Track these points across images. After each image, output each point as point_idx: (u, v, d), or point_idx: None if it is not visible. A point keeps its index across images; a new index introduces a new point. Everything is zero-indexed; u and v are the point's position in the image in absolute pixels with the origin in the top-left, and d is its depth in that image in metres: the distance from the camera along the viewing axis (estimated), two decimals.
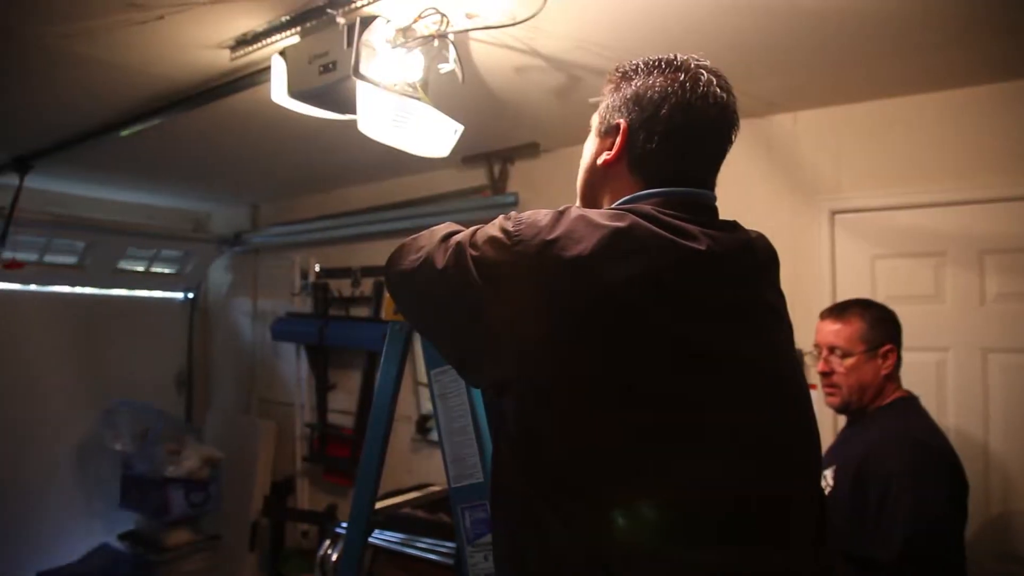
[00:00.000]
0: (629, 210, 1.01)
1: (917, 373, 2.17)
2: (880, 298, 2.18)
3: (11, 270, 3.55)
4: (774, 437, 1.01)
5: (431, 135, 1.94)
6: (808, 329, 2.02)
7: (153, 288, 4.65)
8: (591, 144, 1.19)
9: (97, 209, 4.16)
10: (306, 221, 4.17)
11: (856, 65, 2.20)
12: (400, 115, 1.84)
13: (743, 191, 2.47)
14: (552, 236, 0.96)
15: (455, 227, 1.14)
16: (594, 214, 0.99)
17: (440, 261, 1.05)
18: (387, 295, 1.38)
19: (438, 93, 1.99)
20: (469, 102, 2.39)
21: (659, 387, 0.94)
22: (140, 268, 4.47)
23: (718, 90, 1.08)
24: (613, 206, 1.07)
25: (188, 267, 4.69)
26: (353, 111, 1.87)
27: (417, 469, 3.66)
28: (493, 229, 1.02)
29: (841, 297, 2.42)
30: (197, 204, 4.71)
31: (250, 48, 2.02)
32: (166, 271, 4.64)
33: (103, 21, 1.85)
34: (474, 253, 1.01)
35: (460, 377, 1.28)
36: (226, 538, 4.05)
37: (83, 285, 4.25)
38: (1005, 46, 2.01)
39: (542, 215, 1.00)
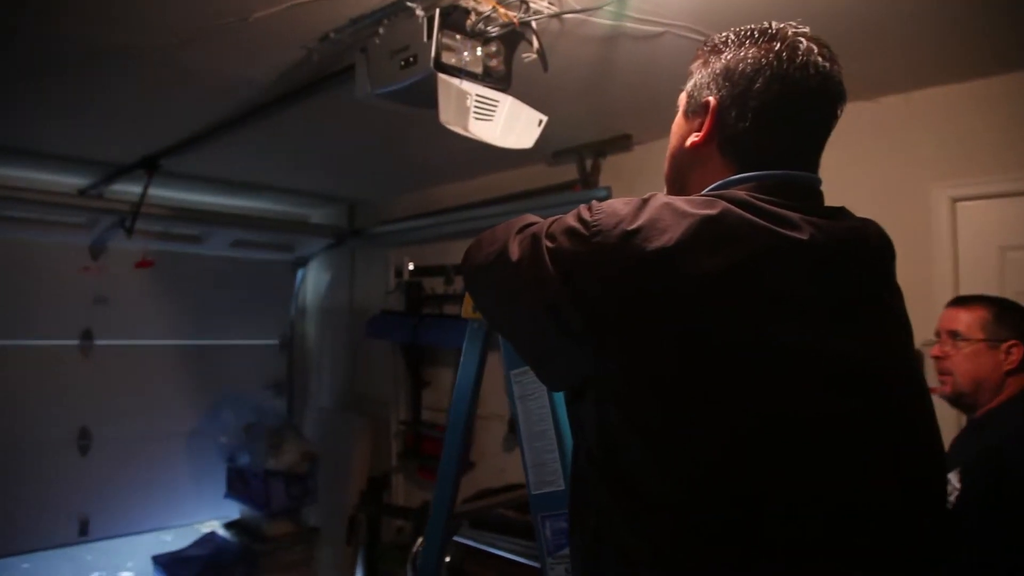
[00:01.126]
0: (720, 196, 0.91)
1: None
2: (1010, 294, 1.96)
3: (142, 268, 3.68)
4: (887, 450, 0.89)
5: (514, 127, 1.88)
6: (927, 330, 1.85)
7: (256, 289, 4.80)
8: (678, 126, 1.09)
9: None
10: (400, 220, 4.21)
11: (980, 36, 1.98)
12: (481, 107, 1.79)
13: (849, 180, 2.29)
14: (634, 226, 0.87)
15: (533, 218, 1.07)
16: (681, 202, 0.90)
17: (515, 254, 0.99)
18: (467, 293, 1.33)
19: (523, 84, 1.92)
20: (557, 93, 2.32)
21: (753, 395, 0.84)
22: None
23: (819, 59, 0.96)
24: (702, 193, 0.98)
25: (293, 258, 4.85)
26: (436, 105, 1.83)
27: (509, 469, 3.62)
28: (571, 219, 0.94)
29: (965, 291, 2.20)
30: (295, 208, 4.83)
31: (333, 46, 2.02)
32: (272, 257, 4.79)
33: (196, 29, 1.91)
34: (550, 245, 0.93)
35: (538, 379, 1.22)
36: (324, 531, 4.13)
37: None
38: None
39: (623, 203, 0.92)
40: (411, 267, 4.17)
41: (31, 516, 3.78)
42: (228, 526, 4.09)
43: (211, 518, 4.29)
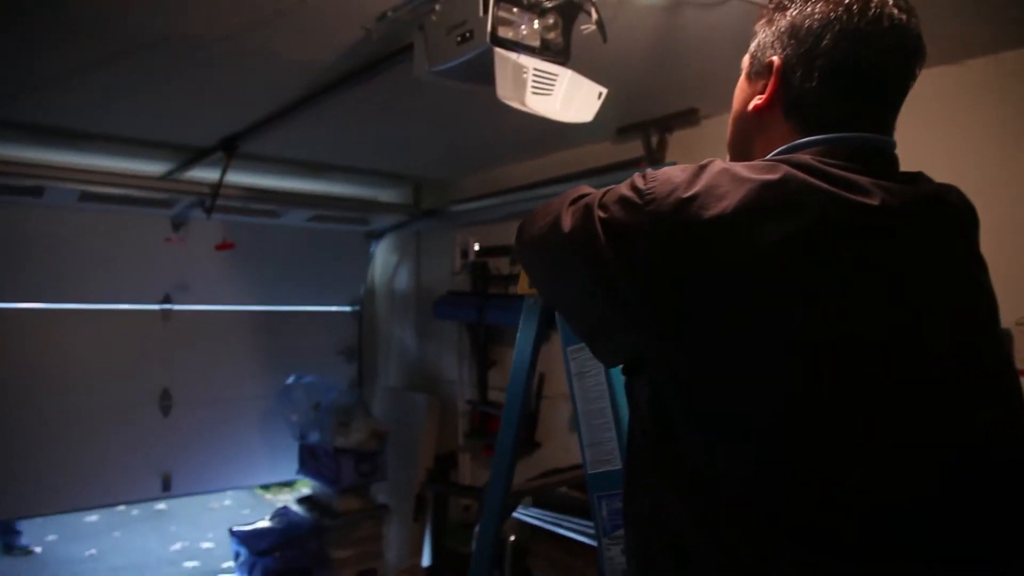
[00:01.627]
0: (783, 161, 0.86)
1: None
2: None
3: (223, 250, 3.71)
4: (966, 437, 0.83)
5: (574, 100, 1.84)
6: (1021, 308, 1.73)
7: (330, 257, 4.90)
8: (741, 90, 1.04)
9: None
10: (465, 200, 4.21)
11: None
12: (540, 81, 1.76)
13: (931, 152, 2.15)
14: (689, 193, 0.83)
15: (587, 189, 1.04)
16: (740, 167, 0.85)
17: (567, 225, 0.96)
18: (522, 269, 1.31)
19: (583, 58, 1.87)
20: (619, 67, 2.26)
21: (818, 369, 0.79)
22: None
23: (895, 11, 0.89)
24: (765, 158, 0.93)
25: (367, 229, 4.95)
26: (494, 82, 1.81)
27: (575, 449, 3.58)
28: (624, 188, 0.91)
29: None
30: (363, 190, 4.87)
31: (391, 25, 2.01)
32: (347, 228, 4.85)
33: (256, 14, 1.92)
34: (602, 215, 0.90)
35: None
36: (393, 508, 4.21)
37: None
38: None
39: (679, 170, 0.88)
40: (476, 248, 4.17)
41: (118, 472, 4.00)
42: (300, 501, 4.22)
43: (283, 480, 4.41)
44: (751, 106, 0.99)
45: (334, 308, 4.99)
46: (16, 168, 2.85)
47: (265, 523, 4.02)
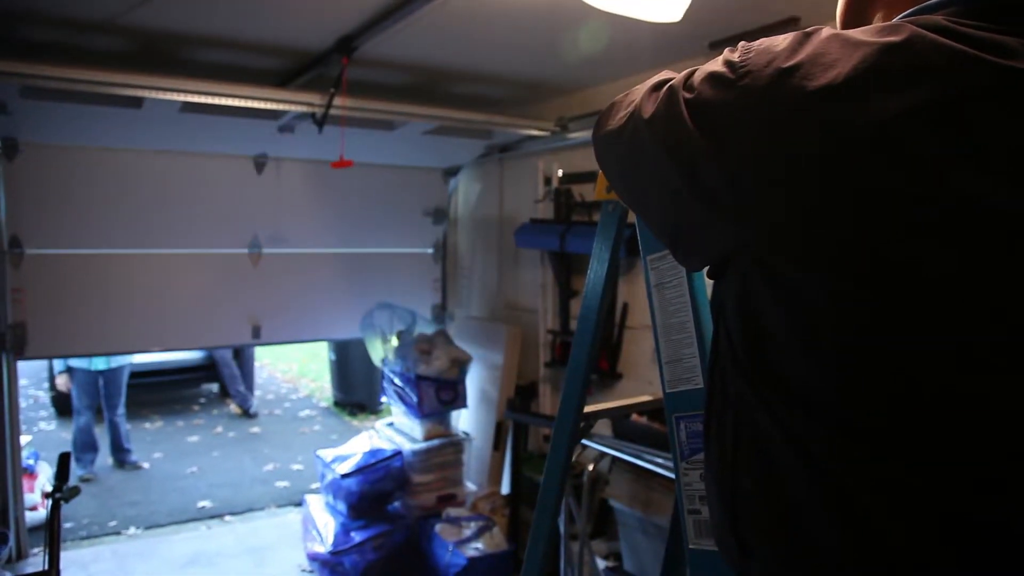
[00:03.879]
0: (911, 23, 0.72)
1: None
2: None
3: (340, 167, 3.35)
4: None
5: None
6: None
7: (410, 198, 4.90)
8: None
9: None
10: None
11: None
12: None
13: None
14: (792, 63, 0.70)
15: (671, 74, 0.91)
16: (855, 32, 0.72)
17: (648, 110, 0.84)
18: (600, 172, 1.20)
19: None
20: None
21: (947, 274, 0.66)
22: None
23: None
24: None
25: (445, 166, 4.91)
26: None
27: (658, 382, 3.50)
28: (715, 64, 0.79)
29: None
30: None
31: None
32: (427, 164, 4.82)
33: None
34: (688, 95, 0.78)
35: (676, 261, 1.08)
36: (473, 435, 4.24)
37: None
38: None
39: (780, 39, 0.75)
40: (560, 174, 4.05)
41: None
42: (384, 427, 4.30)
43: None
44: None
45: (416, 250, 5.02)
46: (114, 77, 2.71)
47: (350, 447, 4.12)
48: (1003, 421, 0.66)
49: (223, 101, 3.00)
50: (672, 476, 2.69)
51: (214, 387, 8.01)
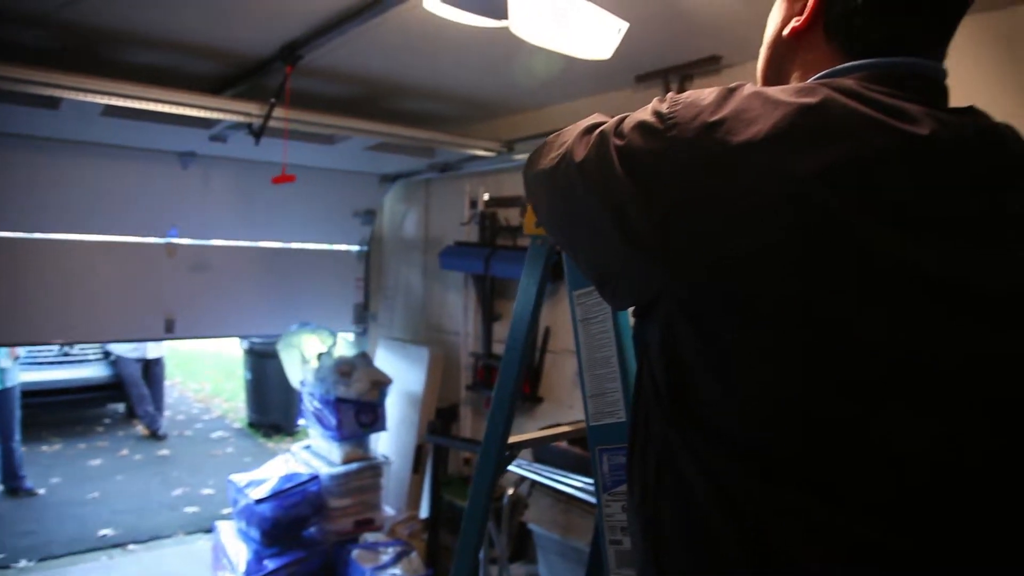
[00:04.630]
0: (824, 85, 0.77)
1: None
2: None
3: (282, 182, 3.19)
4: (1009, 390, 0.74)
5: (591, 35, 1.73)
6: None
7: (342, 200, 4.82)
8: (776, 13, 0.94)
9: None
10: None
11: None
12: (556, 13, 1.65)
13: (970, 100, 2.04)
14: (716, 117, 0.74)
15: (602, 117, 0.95)
16: (775, 91, 0.76)
17: (579, 154, 0.88)
18: (529, 207, 1.23)
19: None
20: (641, 7, 2.14)
21: (855, 319, 0.70)
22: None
23: None
24: (803, 83, 0.83)
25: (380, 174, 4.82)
26: (507, 15, 1.70)
27: (579, 406, 3.54)
28: (644, 113, 0.82)
29: None
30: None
31: None
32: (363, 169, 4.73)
33: None
34: (619, 142, 0.82)
35: (602, 298, 1.11)
36: (392, 459, 4.19)
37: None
38: None
39: (705, 93, 0.79)
40: (486, 197, 4.08)
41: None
42: (300, 451, 4.20)
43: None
44: (788, 29, 0.90)
45: (341, 247, 4.93)
46: (30, 74, 2.43)
47: (265, 471, 4.00)
48: (906, 460, 0.70)
49: (151, 106, 2.79)
50: (591, 500, 2.74)
51: (120, 407, 7.64)
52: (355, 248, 4.98)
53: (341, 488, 3.85)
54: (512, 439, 1.34)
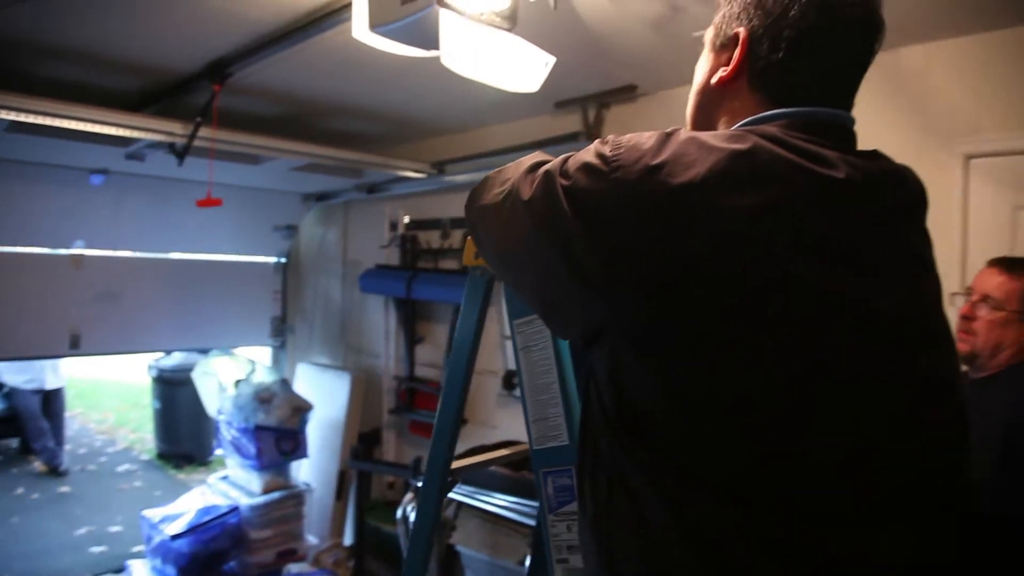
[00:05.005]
0: (751, 132, 0.84)
1: None
2: (1021, 253, 1.95)
3: (208, 206, 3.06)
4: (911, 406, 0.83)
5: (520, 68, 1.79)
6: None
7: (263, 216, 4.70)
8: (704, 63, 1.02)
9: None
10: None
11: None
12: (486, 47, 1.70)
13: (862, 134, 2.21)
14: (657, 160, 0.80)
15: (545, 156, 1.00)
16: (708, 136, 0.83)
17: (526, 192, 0.92)
18: (468, 239, 1.26)
19: (528, 27, 1.82)
20: (561, 39, 2.22)
21: (783, 344, 0.78)
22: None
23: None
24: (731, 129, 0.91)
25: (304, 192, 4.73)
26: (438, 46, 1.74)
27: (502, 426, 3.59)
28: (588, 155, 0.87)
29: (974, 253, 2.20)
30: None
31: None
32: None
33: None
34: (565, 182, 0.87)
35: (546, 327, 1.16)
36: (315, 486, 4.12)
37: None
38: None
39: (645, 137, 0.85)
40: (406, 220, 4.09)
41: None
42: (217, 481, 4.07)
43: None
44: (716, 78, 0.97)
45: (258, 259, 4.82)
46: None
47: (181, 504, 3.86)
48: (829, 472, 0.78)
49: (62, 123, 2.62)
50: (520, 520, 2.78)
51: (13, 442, 7.16)
52: (273, 260, 4.86)
53: (262, 519, 3.75)
54: (455, 464, 1.36)
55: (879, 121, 2.34)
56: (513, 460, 1.56)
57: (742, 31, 0.93)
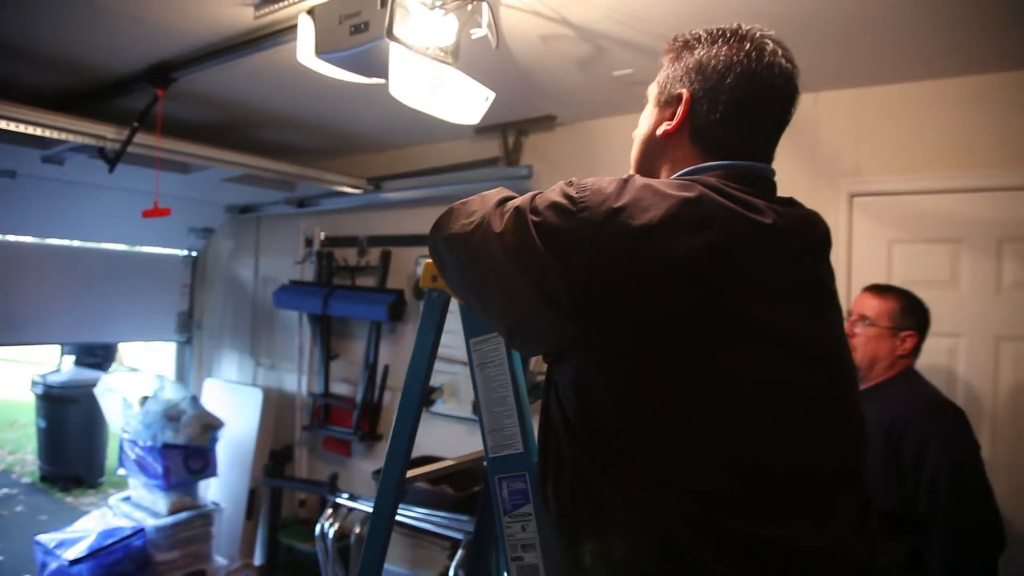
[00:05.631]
0: (694, 181, 0.99)
1: (929, 357, 2.19)
2: (896, 282, 2.24)
3: (155, 216, 2.92)
4: (826, 416, 1.01)
5: (462, 102, 1.91)
6: None
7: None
8: (648, 115, 1.16)
9: None
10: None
11: (881, 46, 2.19)
12: (433, 80, 1.81)
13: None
14: (619, 204, 0.94)
15: (508, 192, 1.12)
16: (660, 184, 0.97)
17: (498, 225, 1.03)
18: (426, 262, 1.36)
19: (461, 59, 1.94)
20: (490, 70, 2.35)
21: (721, 362, 0.92)
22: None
23: (783, 61, 1.06)
24: (675, 176, 1.06)
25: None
26: (382, 75, 1.83)
27: (422, 443, 3.64)
28: (555, 195, 1.00)
29: (856, 280, 2.49)
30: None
31: (276, 6, 1.97)
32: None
33: None
34: (535, 219, 0.98)
35: (507, 345, 1.27)
36: (224, 505, 4.04)
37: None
38: None
39: (606, 182, 0.98)
40: (322, 237, 4.11)
41: None
42: (119, 502, 3.92)
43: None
44: (660, 131, 1.12)
45: (167, 251, 4.67)
46: None
47: (79, 527, 3.70)
48: (766, 470, 0.93)
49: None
50: (443, 532, 2.86)
51: None
52: (182, 252, 4.71)
53: (168, 540, 3.65)
54: (410, 473, 1.45)
55: (777, 161, 2.59)
56: (461, 468, 1.66)
57: (685, 92, 1.08)
